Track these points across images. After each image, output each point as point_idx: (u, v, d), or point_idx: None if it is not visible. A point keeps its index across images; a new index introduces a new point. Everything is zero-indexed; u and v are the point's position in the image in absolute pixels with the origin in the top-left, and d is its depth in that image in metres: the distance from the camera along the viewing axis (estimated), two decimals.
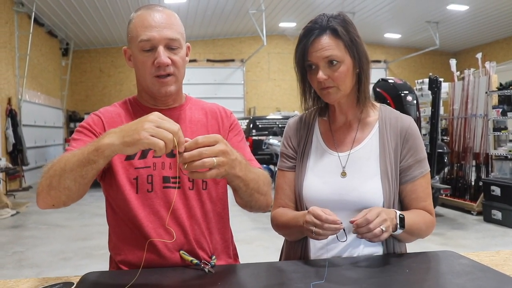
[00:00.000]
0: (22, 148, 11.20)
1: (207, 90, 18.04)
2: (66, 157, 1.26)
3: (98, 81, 18.20)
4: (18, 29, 11.84)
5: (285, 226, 1.61)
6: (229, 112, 1.70)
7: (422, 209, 1.59)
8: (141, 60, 1.46)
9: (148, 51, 1.45)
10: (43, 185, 1.28)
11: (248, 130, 11.93)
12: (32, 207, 8.71)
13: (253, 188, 1.41)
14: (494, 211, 6.51)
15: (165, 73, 1.46)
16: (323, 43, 1.49)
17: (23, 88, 11.76)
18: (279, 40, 18.92)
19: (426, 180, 1.60)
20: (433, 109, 6.64)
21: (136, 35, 1.46)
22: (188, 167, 1.16)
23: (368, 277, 1.32)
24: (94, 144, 1.20)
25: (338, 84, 1.52)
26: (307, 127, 1.71)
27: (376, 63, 19.92)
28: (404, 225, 1.45)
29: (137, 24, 1.47)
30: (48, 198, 1.28)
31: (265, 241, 5.66)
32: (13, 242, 6.05)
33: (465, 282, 1.25)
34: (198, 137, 1.18)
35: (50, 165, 1.30)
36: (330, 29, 1.49)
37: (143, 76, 1.49)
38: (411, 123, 1.63)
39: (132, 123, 1.17)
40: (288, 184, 1.68)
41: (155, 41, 1.44)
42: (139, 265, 1.45)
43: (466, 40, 18.36)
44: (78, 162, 1.21)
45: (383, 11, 15.07)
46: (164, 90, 1.49)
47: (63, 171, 1.23)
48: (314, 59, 1.50)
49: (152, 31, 1.43)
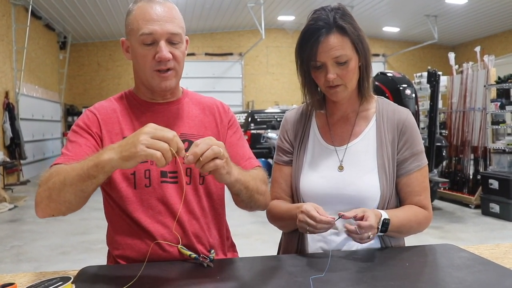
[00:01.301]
0: (19, 142, 11.18)
1: (206, 84, 18.01)
2: (65, 170, 1.26)
3: (96, 75, 18.15)
4: (15, 22, 11.79)
5: (279, 218, 1.62)
6: (227, 107, 1.68)
7: (416, 203, 1.57)
8: (142, 53, 1.44)
9: (149, 45, 1.43)
10: (42, 196, 1.29)
11: (247, 124, 11.92)
12: (30, 201, 8.70)
13: (252, 189, 1.43)
14: (492, 205, 6.52)
15: (166, 67, 1.44)
16: (332, 43, 1.46)
17: (21, 82, 11.72)
18: (278, 34, 18.88)
19: (422, 174, 1.59)
20: (432, 103, 6.64)
21: (136, 27, 1.42)
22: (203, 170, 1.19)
23: (368, 271, 1.31)
24: (93, 160, 1.20)
25: (346, 82, 1.51)
26: (304, 121, 1.70)
27: (375, 56, 19.90)
28: (386, 229, 1.44)
29: (138, 16, 1.43)
30: (48, 210, 1.30)
31: (263, 234, 5.66)
32: (11, 236, 6.05)
33: (466, 275, 1.25)
34: (195, 150, 1.17)
35: (47, 176, 1.30)
36: (338, 27, 1.47)
37: (143, 70, 1.47)
38: (408, 115, 1.62)
39: (129, 137, 1.17)
40: (284, 178, 1.68)
41: (156, 35, 1.41)
42: (137, 259, 1.45)
43: (464, 34, 18.34)
44: (78, 177, 1.22)
45: (381, 4, 15.03)
46: (164, 85, 1.47)
47: (63, 185, 1.24)
48: (323, 58, 1.48)
49: (154, 24, 1.40)
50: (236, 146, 1.60)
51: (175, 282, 1.24)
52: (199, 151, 1.16)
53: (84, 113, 1.54)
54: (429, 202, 1.60)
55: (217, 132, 1.59)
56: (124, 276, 1.28)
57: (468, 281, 1.20)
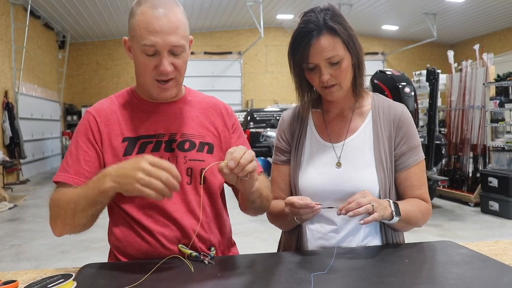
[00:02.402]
0: (19, 141, 11.18)
1: (205, 83, 18.01)
2: (73, 198, 1.34)
3: (95, 74, 18.15)
4: (14, 22, 11.78)
5: (278, 217, 1.64)
6: (230, 110, 1.68)
7: (417, 197, 1.59)
8: (143, 62, 1.42)
9: (150, 55, 1.40)
10: (56, 220, 1.40)
11: (246, 123, 11.93)
12: (30, 200, 8.71)
13: (264, 197, 1.52)
14: (491, 202, 6.53)
15: (167, 79, 1.43)
16: (323, 45, 1.46)
17: (20, 81, 11.71)
18: (277, 32, 18.88)
19: (420, 168, 1.60)
20: (431, 101, 6.64)
21: (139, 36, 1.39)
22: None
23: (368, 267, 1.32)
24: (98, 187, 1.29)
25: (340, 81, 1.52)
26: (300, 120, 1.71)
27: (374, 55, 19.91)
28: (399, 212, 1.46)
29: (141, 24, 1.39)
30: (64, 231, 1.41)
31: (263, 233, 5.67)
32: (11, 235, 6.05)
33: (465, 271, 1.25)
34: (234, 155, 1.24)
35: (56, 200, 1.40)
36: (328, 28, 1.47)
37: (144, 77, 1.46)
38: (404, 110, 1.63)
39: (127, 166, 1.24)
40: (282, 178, 1.69)
41: (158, 47, 1.38)
42: (138, 257, 1.45)
43: (463, 32, 18.35)
44: (87, 204, 1.32)
45: (380, 2, 15.03)
46: (164, 95, 1.47)
47: (75, 212, 1.34)
48: (316, 60, 1.48)
49: (157, 36, 1.37)
50: None
51: (176, 279, 1.25)
52: (238, 156, 1.24)
53: (84, 116, 1.54)
54: (428, 196, 1.62)
55: (218, 133, 1.59)
56: (125, 273, 1.28)
57: (468, 277, 1.21)
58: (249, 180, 1.31)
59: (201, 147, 1.53)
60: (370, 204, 1.37)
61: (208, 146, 1.55)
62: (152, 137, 1.50)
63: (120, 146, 1.47)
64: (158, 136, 1.50)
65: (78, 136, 1.50)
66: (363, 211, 1.36)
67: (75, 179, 1.43)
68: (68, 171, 1.45)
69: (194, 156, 1.51)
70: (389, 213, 1.44)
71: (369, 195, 1.41)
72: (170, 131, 1.52)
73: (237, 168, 1.23)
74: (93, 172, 1.42)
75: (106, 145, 1.47)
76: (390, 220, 1.45)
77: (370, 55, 19.58)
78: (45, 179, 12.10)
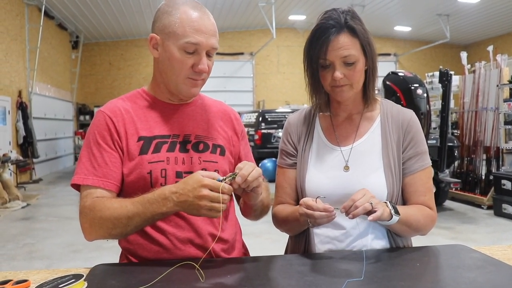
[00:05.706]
0: (32, 141, 11.30)
1: (217, 84, 18.00)
2: (126, 214, 1.35)
3: (108, 74, 18.27)
4: (28, 22, 11.91)
5: (285, 222, 1.63)
6: (238, 117, 1.73)
7: (421, 203, 1.57)
8: (180, 59, 1.44)
9: (189, 53, 1.44)
10: (95, 228, 1.41)
11: (257, 124, 11.93)
12: (42, 200, 8.79)
13: (265, 205, 1.60)
14: (504, 205, 6.47)
15: (200, 78, 1.48)
16: (341, 42, 1.47)
17: (34, 81, 11.83)
18: (289, 33, 18.87)
19: (426, 175, 1.59)
20: (444, 103, 6.60)
21: (182, 33, 1.42)
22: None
23: (379, 271, 1.31)
24: (159, 210, 1.33)
25: (352, 82, 1.52)
26: (307, 123, 1.70)
27: (386, 56, 19.82)
28: (398, 211, 1.44)
29: (185, 22, 1.42)
30: (102, 238, 1.44)
31: (273, 234, 5.63)
32: (24, 234, 6.11)
33: (477, 276, 1.24)
34: (242, 172, 1.31)
35: (97, 209, 1.40)
36: (348, 27, 1.48)
37: (176, 74, 1.47)
38: (413, 116, 1.63)
39: (190, 194, 1.27)
40: (288, 182, 1.68)
41: (201, 46, 1.43)
42: (149, 258, 1.46)
43: (477, 33, 18.20)
44: (143, 221, 1.36)
45: (393, 3, 14.96)
46: (193, 91, 1.51)
47: (126, 227, 1.37)
48: (332, 57, 1.48)
49: (202, 36, 1.42)
50: (247, 158, 1.67)
51: (185, 280, 1.25)
52: (246, 173, 1.30)
53: (99, 117, 1.51)
54: (433, 203, 1.60)
55: (228, 137, 1.62)
56: (136, 274, 1.29)
57: (479, 282, 1.20)
58: (253, 194, 1.38)
59: (214, 149, 1.55)
60: (368, 203, 1.35)
61: (220, 149, 1.57)
62: (167, 137, 1.51)
63: (135, 145, 1.48)
64: (172, 137, 1.51)
65: (97, 137, 1.48)
66: (361, 211, 1.35)
67: (105, 181, 1.43)
68: (96, 174, 1.43)
69: (208, 157, 1.53)
70: (388, 212, 1.42)
71: (368, 193, 1.39)
72: (184, 132, 1.54)
73: (244, 184, 1.31)
74: (120, 173, 1.46)
75: (124, 144, 1.48)
76: (389, 219, 1.43)
77: (383, 56, 19.48)
78: (58, 178, 12.20)
